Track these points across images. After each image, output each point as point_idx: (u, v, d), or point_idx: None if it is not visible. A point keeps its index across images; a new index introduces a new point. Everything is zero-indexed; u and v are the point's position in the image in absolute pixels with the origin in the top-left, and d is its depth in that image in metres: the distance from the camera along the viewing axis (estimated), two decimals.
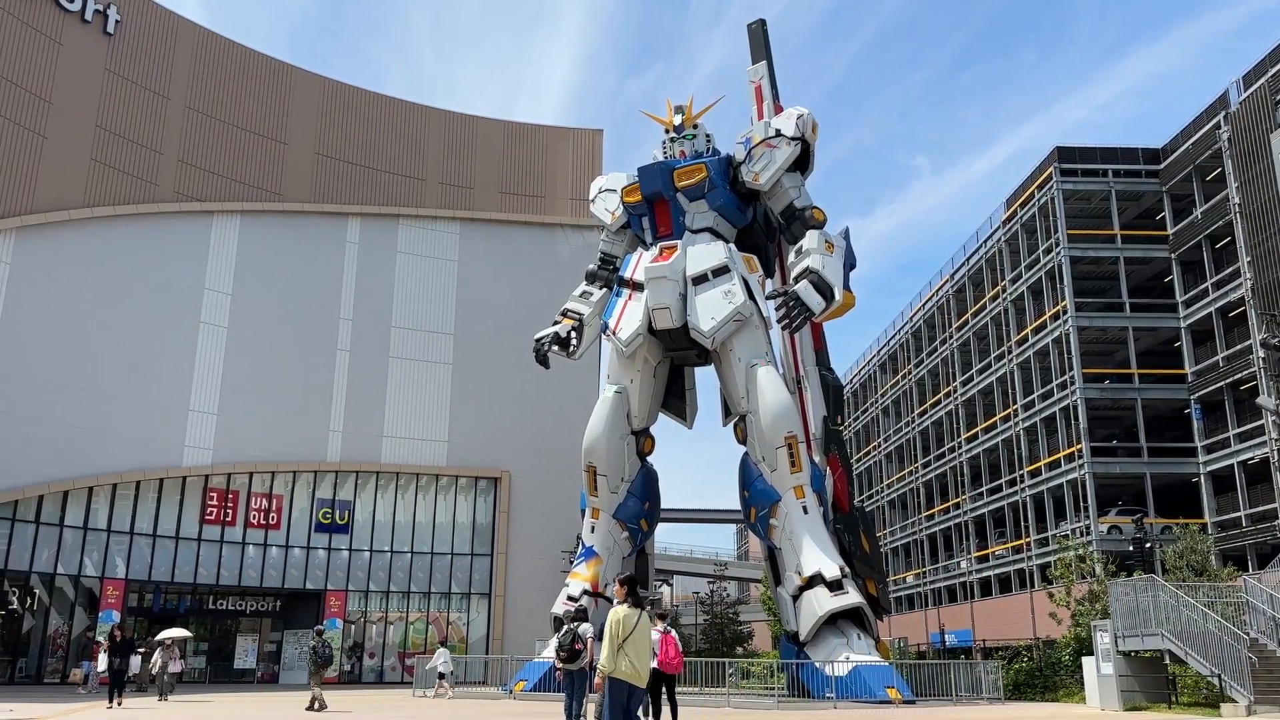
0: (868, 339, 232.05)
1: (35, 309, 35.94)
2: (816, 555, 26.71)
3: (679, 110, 30.91)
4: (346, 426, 43.05)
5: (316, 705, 21.16)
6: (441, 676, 30.76)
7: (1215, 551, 34.78)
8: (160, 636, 29.42)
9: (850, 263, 28.83)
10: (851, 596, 26.40)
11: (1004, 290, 48.51)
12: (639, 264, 29.94)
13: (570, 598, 28.14)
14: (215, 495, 40.33)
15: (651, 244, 30.41)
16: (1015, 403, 46.81)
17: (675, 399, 32.57)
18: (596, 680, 9.65)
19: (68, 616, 37.50)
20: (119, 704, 22.35)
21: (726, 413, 30.67)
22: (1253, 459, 36.67)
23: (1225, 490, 38.75)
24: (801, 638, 26.72)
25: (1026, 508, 45.72)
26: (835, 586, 26.23)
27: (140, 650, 30.80)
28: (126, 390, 37.76)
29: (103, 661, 27.87)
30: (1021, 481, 46.10)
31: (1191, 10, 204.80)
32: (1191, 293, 41.19)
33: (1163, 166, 43.08)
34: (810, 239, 28.08)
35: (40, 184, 36.74)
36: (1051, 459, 43.39)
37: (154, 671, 27.73)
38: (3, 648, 36.44)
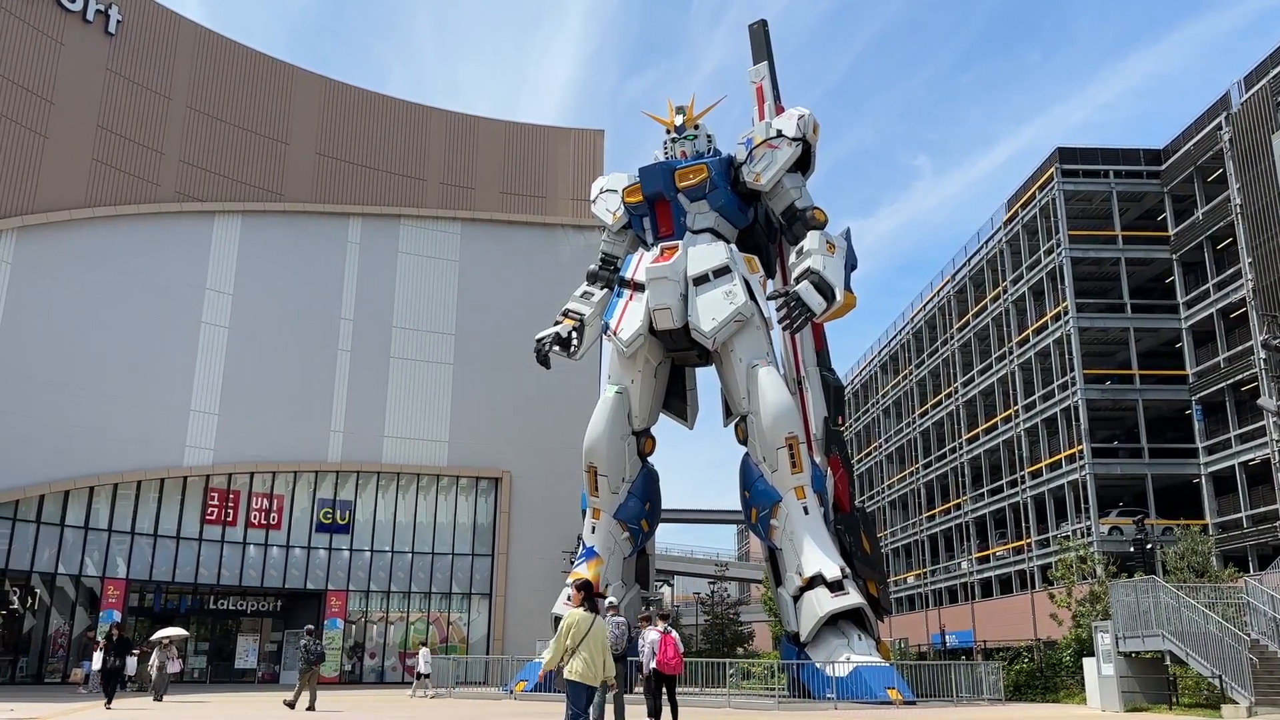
0: (869, 339, 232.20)
1: (36, 309, 35.96)
2: (817, 556, 26.69)
3: (680, 111, 30.90)
4: (347, 426, 43.07)
5: (298, 702, 21.35)
6: (421, 676, 30.96)
7: (1216, 552, 34.76)
8: (157, 636, 29.37)
9: (851, 263, 28.81)
10: (852, 597, 26.38)
11: (1005, 291, 48.50)
12: (640, 264, 29.92)
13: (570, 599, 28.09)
14: (216, 495, 40.35)
15: (652, 244, 30.39)
16: (1016, 403, 46.79)
17: (676, 399, 32.55)
18: (541, 672, 10.00)
19: (68, 616, 37.53)
20: (108, 706, 22.14)
21: (727, 413, 30.66)
22: (1254, 460, 36.66)
23: (1226, 491, 38.73)
24: (802, 638, 26.70)
25: (1027, 508, 45.70)
26: (836, 587, 26.21)
27: (136, 650, 30.74)
28: (127, 390, 37.78)
29: (97, 660, 27.81)
30: (1022, 482, 46.09)
31: (1193, 10, 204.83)
32: (1193, 294, 41.18)
33: (1164, 167, 43.07)
34: (811, 239, 28.07)
35: (41, 184, 36.77)
36: (1052, 460, 43.37)
37: (151, 672, 27.68)
38: (3, 647, 36.47)
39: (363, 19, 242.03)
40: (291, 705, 21.30)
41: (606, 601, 17.66)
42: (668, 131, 30.92)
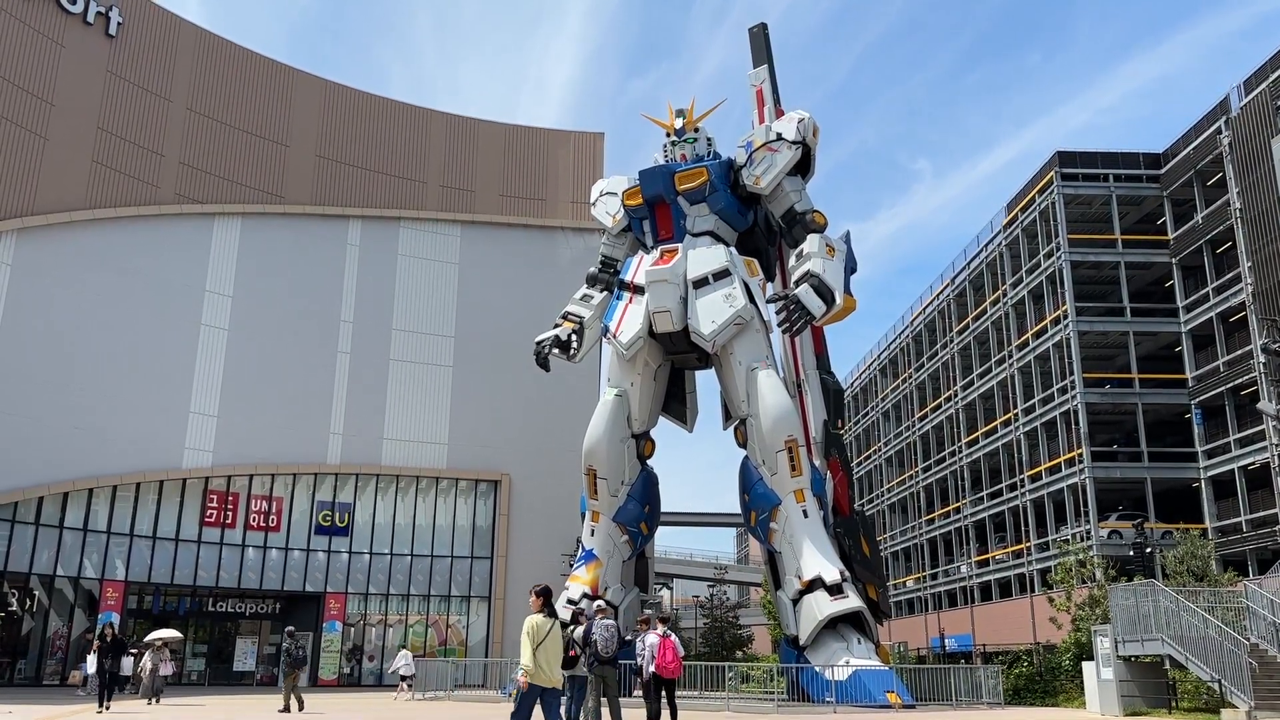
0: (868, 342, 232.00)
1: (36, 310, 35.96)
2: (816, 559, 26.68)
3: (680, 114, 30.93)
4: (347, 429, 43.05)
5: (293, 706, 21.47)
6: (404, 679, 31.02)
7: (1216, 557, 34.78)
8: (150, 638, 29.28)
9: (851, 266, 28.84)
10: (851, 601, 26.37)
11: (1005, 294, 48.56)
12: (640, 267, 29.92)
13: (570, 601, 28.08)
14: (215, 497, 40.32)
15: (652, 247, 30.39)
16: (1016, 407, 46.83)
17: (676, 402, 32.56)
18: (520, 680, 10.47)
19: (67, 618, 37.48)
20: (106, 708, 22.10)
21: (727, 416, 30.66)
22: (1253, 464, 36.68)
23: (1226, 495, 38.75)
24: (801, 642, 26.69)
25: (1027, 512, 45.72)
26: (835, 590, 26.20)
27: (133, 651, 30.68)
28: (127, 392, 37.77)
29: (91, 662, 27.73)
30: (1022, 486, 46.10)
31: (1195, 12, 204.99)
32: (1192, 297, 41.22)
33: (1163, 171, 43.13)
34: (811, 243, 28.09)
35: (41, 185, 36.77)
36: (1052, 463, 43.39)
37: (143, 674, 27.56)
38: (2, 649, 36.41)
39: (363, 19, 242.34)
40: (286, 710, 21.40)
41: (597, 604, 17.62)
42: (667, 134, 30.94)
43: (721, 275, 28.70)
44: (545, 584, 11.19)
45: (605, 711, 14.85)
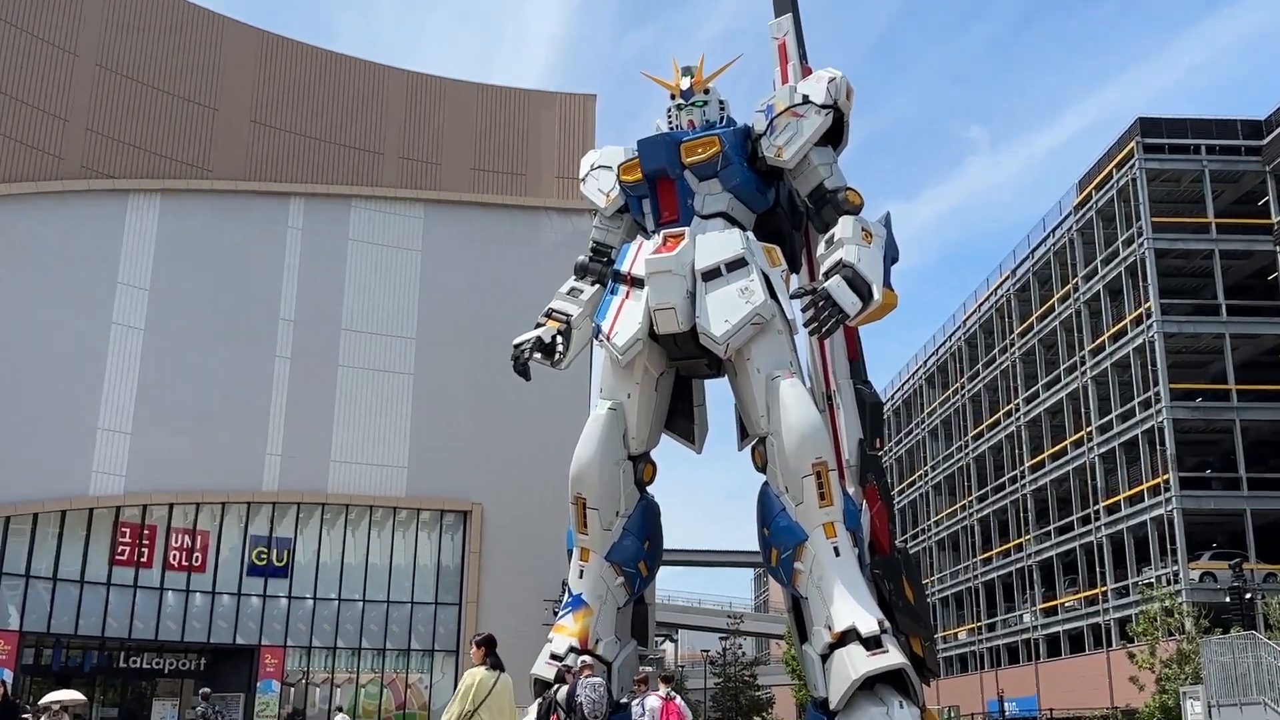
0: (913, 347, 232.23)
1: None
2: (850, 606, 26.56)
3: (687, 72, 30.83)
4: (286, 449, 43.04)
5: None
6: None
7: None
8: (45, 700, 29.19)
9: (892, 255, 28.72)
10: (892, 656, 26.21)
11: (1076, 289, 48.66)
12: (638, 255, 29.77)
13: (554, 655, 28.02)
14: (128, 531, 40.31)
15: (653, 231, 30.28)
16: (1089, 424, 46.90)
17: (681, 418, 32.38)
18: None
19: None
20: None
21: (743, 434, 30.59)
22: None
23: None
24: (832, 705, 26.53)
25: (1103, 550, 45.76)
26: (873, 644, 26.03)
27: (25, 717, 30.62)
28: (22, 404, 37.73)
29: None
30: (1097, 519, 46.15)
31: None
32: None
33: (1266, 141, 43.24)
34: (844, 226, 27.99)
35: None
36: (1133, 492, 43.44)
37: None
38: None
39: None
40: None
41: (582, 659, 17.59)
42: (672, 97, 30.82)
43: (736, 265, 28.55)
44: (489, 633, 11.20)
45: None
